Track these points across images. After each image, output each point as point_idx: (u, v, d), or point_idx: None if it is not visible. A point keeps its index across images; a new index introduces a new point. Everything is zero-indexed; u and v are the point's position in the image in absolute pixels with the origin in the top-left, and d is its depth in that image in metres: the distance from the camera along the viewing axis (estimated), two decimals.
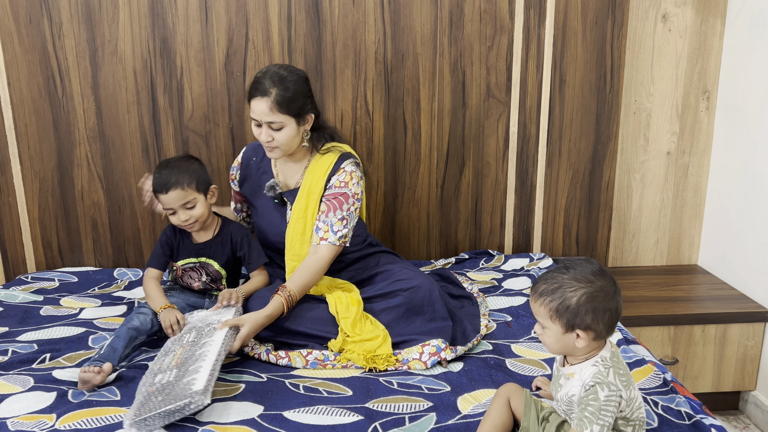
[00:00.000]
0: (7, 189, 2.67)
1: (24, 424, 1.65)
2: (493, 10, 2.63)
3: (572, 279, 1.45)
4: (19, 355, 1.99)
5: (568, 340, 1.46)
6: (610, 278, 1.47)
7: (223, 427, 1.65)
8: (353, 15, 2.60)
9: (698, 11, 2.80)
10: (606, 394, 1.40)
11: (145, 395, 1.67)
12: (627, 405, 1.45)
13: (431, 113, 2.71)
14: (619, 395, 1.42)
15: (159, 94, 2.62)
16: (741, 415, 2.73)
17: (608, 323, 1.44)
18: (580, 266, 1.48)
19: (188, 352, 1.84)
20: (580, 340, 1.45)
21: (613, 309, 1.45)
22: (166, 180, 2.12)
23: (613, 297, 1.45)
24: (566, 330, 1.45)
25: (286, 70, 2.14)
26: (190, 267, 2.23)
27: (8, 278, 2.76)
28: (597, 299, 1.43)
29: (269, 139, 2.13)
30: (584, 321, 1.43)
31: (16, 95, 2.59)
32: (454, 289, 2.41)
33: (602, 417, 1.39)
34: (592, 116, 2.76)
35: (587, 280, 1.45)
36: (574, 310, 1.43)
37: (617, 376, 1.44)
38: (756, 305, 2.64)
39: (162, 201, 2.14)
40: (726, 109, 2.84)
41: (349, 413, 1.71)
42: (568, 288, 1.44)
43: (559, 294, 1.45)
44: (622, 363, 1.49)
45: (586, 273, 1.46)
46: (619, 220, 3.00)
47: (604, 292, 1.44)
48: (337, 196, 2.19)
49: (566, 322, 1.44)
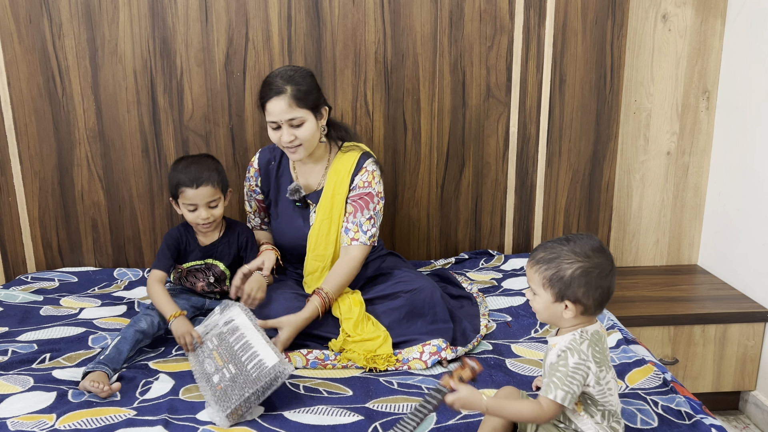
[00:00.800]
0: (7, 189, 2.67)
1: (24, 424, 1.65)
2: (493, 10, 2.63)
3: (570, 252, 1.47)
4: (19, 355, 1.99)
5: (556, 310, 1.49)
6: (609, 256, 1.49)
7: (224, 427, 1.65)
8: (353, 15, 2.60)
9: (698, 11, 2.80)
10: (575, 361, 1.43)
11: (220, 393, 1.72)
12: (596, 383, 1.46)
13: (431, 113, 2.71)
14: (588, 366, 1.44)
15: (159, 94, 2.62)
16: (741, 415, 2.73)
17: (598, 300, 1.47)
18: (581, 240, 1.50)
19: (227, 351, 1.87)
20: (568, 311, 1.47)
21: (606, 287, 1.47)
22: (197, 175, 2.10)
23: (607, 275, 1.47)
24: (556, 299, 1.48)
25: (291, 69, 2.15)
26: (195, 268, 2.23)
27: (8, 278, 2.76)
28: (591, 275, 1.45)
29: (291, 138, 2.11)
30: (575, 294, 1.46)
31: (16, 95, 2.59)
32: (454, 290, 2.41)
33: (568, 383, 1.42)
34: (592, 116, 2.76)
35: (585, 255, 1.46)
36: (567, 282, 1.46)
37: (591, 349, 1.46)
38: (756, 305, 2.64)
39: (188, 196, 2.11)
40: (726, 109, 2.84)
41: (349, 413, 1.71)
42: (565, 260, 1.47)
43: (555, 264, 1.47)
44: (602, 343, 1.49)
45: (586, 248, 1.48)
46: (619, 220, 3.00)
47: (599, 269, 1.46)
48: (362, 197, 2.21)
49: (557, 291, 1.47)
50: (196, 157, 2.19)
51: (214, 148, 2.68)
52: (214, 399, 1.73)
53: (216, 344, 1.94)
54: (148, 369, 1.94)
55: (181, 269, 2.23)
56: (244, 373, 1.75)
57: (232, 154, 2.70)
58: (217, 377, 1.79)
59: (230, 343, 1.90)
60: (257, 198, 2.37)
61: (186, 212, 2.15)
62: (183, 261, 2.22)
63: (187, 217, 2.15)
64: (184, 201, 2.13)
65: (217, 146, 2.68)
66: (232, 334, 1.93)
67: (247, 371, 1.75)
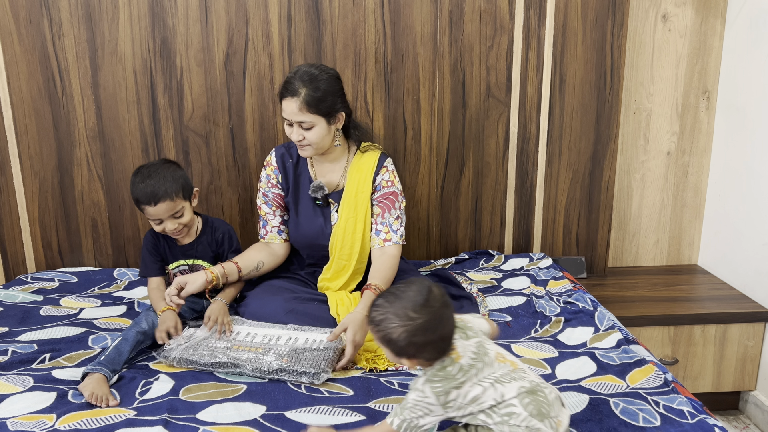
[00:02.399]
0: (7, 189, 2.67)
1: (24, 424, 1.65)
2: (493, 10, 2.63)
3: (394, 315, 1.47)
4: (19, 355, 1.99)
5: (402, 362, 1.52)
6: (435, 309, 1.47)
7: (225, 427, 1.65)
8: (353, 15, 2.60)
9: (698, 11, 2.80)
10: (413, 397, 1.49)
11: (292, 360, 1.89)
12: (459, 403, 1.47)
13: (431, 113, 2.71)
14: (428, 402, 1.47)
15: (159, 94, 2.62)
16: (741, 415, 2.73)
17: (434, 350, 1.48)
18: (405, 298, 1.48)
19: (251, 344, 2.00)
20: (408, 366, 1.52)
21: (436, 339, 1.47)
22: (153, 191, 2.07)
23: (435, 329, 1.46)
24: (396, 356, 1.50)
25: (317, 69, 2.14)
26: (180, 270, 2.24)
27: (8, 278, 2.76)
28: (416, 335, 1.45)
29: (300, 138, 2.13)
30: (407, 352, 1.48)
31: (16, 95, 2.59)
32: (454, 290, 2.40)
33: (407, 413, 1.48)
34: (592, 116, 2.76)
35: (407, 317, 1.45)
36: (396, 343, 1.47)
37: (429, 384, 1.47)
38: (756, 305, 2.64)
39: (149, 213, 2.11)
40: (726, 109, 2.84)
41: (350, 413, 1.71)
42: (390, 323, 1.46)
43: (383, 326, 1.48)
44: (444, 371, 1.48)
45: (408, 309, 1.46)
46: (619, 220, 3.00)
47: (423, 328, 1.45)
48: (387, 197, 2.24)
49: (392, 350, 1.49)
50: (152, 168, 2.12)
51: (214, 148, 2.68)
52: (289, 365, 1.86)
53: (229, 343, 2.00)
54: (148, 369, 1.94)
55: (167, 272, 2.24)
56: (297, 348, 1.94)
57: (232, 154, 2.69)
58: (270, 356, 1.91)
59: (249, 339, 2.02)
60: (279, 194, 2.31)
61: (152, 223, 2.16)
62: (167, 263, 2.24)
63: (155, 227, 2.16)
64: (148, 216, 2.13)
65: (217, 146, 2.68)
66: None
67: (300, 346, 1.93)
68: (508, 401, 1.47)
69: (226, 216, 2.75)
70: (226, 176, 2.71)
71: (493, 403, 1.47)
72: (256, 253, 2.27)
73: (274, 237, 2.32)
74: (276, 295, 2.16)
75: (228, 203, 2.74)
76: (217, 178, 2.72)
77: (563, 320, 2.21)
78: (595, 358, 1.96)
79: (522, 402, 1.47)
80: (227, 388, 1.83)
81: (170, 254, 2.23)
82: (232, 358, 1.90)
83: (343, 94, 2.19)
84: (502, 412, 1.47)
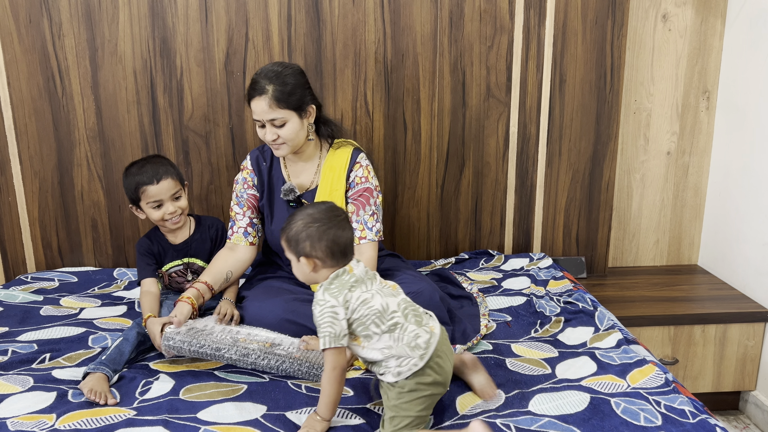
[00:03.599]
0: (7, 189, 2.67)
1: (24, 424, 1.65)
2: (493, 10, 2.63)
3: (298, 214, 1.70)
4: (19, 355, 1.99)
5: (303, 268, 1.69)
6: (333, 215, 1.69)
7: (225, 427, 1.65)
8: (353, 15, 2.60)
9: (698, 11, 2.80)
10: (318, 311, 1.63)
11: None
12: (363, 304, 1.63)
13: (431, 113, 2.71)
14: (330, 305, 1.62)
15: (159, 94, 2.62)
16: (741, 415, 2.73)
17: (327, 250, 1.66)
18: (315, 205, 1.73)
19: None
20: (306, 266, 1.68)
21: (329, 238, 1.66)
22: (155, 171, 2.12)
23: (328, 228, 1.66)
24: (297, 258, 1.69)
25: (279, 65, 2.13)
26: (176, 271, 2.23)
27: (8, 278, 2.76)
28: (311, 229, 1.66)
29: (274, 137, 2.11)
30: (304, 249, 1.67)
31: (16, 95, 2.59)
32: (454, 290, 2.40)
33: (324, 329, 1.61)
34: (592, 116, 2.76)
35: (308, 215, 1.69)
36: (296, 241, 1.68)
37: (327, 292, 1.64)
38: (756, 305, 2.64)
39: (151, 193, 2.12)
40: (726, 108, 2.84)
41: (349, 414, 1.71)
42: (292, 222, 1.70)
43: (287, 228, 1.70)
44: (337, 278, 1.66)
45: (311, 210, 1.70)
46: (619, 220, 3.00)
47: (318, 223, 1.67)
48: (362, 193, 2.21)
49: (294, 251, 1.69)
50: (146, 159, 2.20)
51: (214, 148, 2.68)
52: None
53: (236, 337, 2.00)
54: (149, 369, 1.94)
55: (162, 274, 2.23)
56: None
57: (232, 154, 2.69)
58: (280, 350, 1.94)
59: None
60: (253, 195, 2.28)
61: (151, 212, 2.15)
62: (162, 265, 2.23)
63: (153, 216, 2.15)
64: (148, 200, 2.13)
65: (217, 146, 2.68)
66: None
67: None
68: (391, 312, 1.65)
69: (225, 216, 2.74)
70: (226, 176, 2.71)
71: (380, 309, 1.64)
72: (222, 263, 2.22)
73: (240, 239, 2.27)
74: (275, 297, 2.15)
75: (228, 203, 2.73)
76: (217, 178, 2.72)
77: (563, 320, 2.21)
78: (595, 358, 1.96)
79: (403, 313, 1.67)
80: (228, 388, 1.83)
81: (165, 255, 2.23)
82: (240, 348, 1.91)
83: (310, 87, 2.18)
84: (389, 323, 1.64)
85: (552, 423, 1.65)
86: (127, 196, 2.18)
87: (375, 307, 1.63)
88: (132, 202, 2.18)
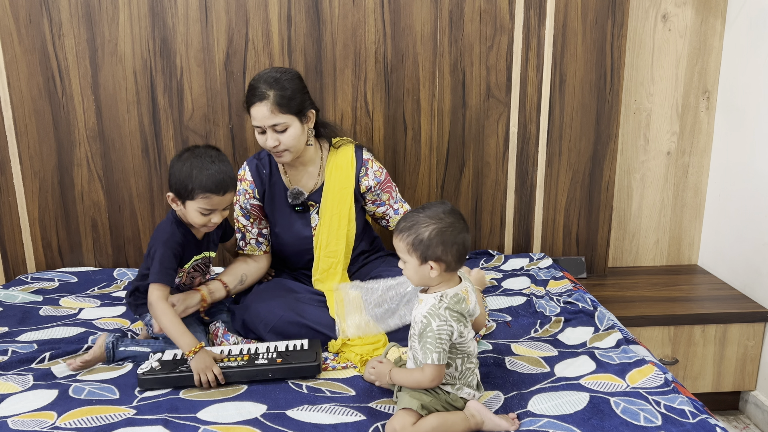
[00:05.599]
0: (7, 189, 2.67)
1: (25, 422, 1.65)
2: (493, 10, 2.64)
3: (426, 217, 1.65)
4: (19, 354, 1.99)
5: (424, 272, 1.65)
6: (460, 216, 1.68)
7: (225, 427, 1.65)
8: (353, 15, 2.60)
9: (698, 11, 2.80)
10: (437, 324, 1.61)
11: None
12: (459, 336, 1.63)
13: (431, 113, 2.71)
14: (450, 324, 1.61)
15: (159, 94, 2.62)
16: (741, 415, 2.73)
17: (456, 255, 1.64)
18: (434, 207, 1.68)
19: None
20: (433, 271, 1.63)
21: (461, 242, 1.64)
22: (224, 179, 1.91)
23: (460, 232, 1.65)
24: (421, 262, 1.64)
25: (277, 71, 2.12)
26: (194, 266, 2.11)
27: (8, 278, 2.76)
28: (446, 233, 1.63)
29: (276, 144, 2.10)
30: (435, 253, 1.63)
31: (16, 95, 2.59)
32: None
33: (438, 345, 1.60)
34: (592, 116, 2.76)
35: (438, 217, 1.64)
36: (427, 243, 1.63)
37: (449, 311, 1.62)
38: (756, 305, 2.64)
39: (213, 203, 1.92)
40: (726, 109, 2.85)
41: (351, 412, 1.71)
42: (422, 224, 1.64)
43: (414, 230, 1.64)
44: (460, 304, 1.65)
45: (438, 212, 1.66)
46: (619, 220, 3.01)
47: (452, 227, 1.64)
48: (385, 184, 2.32)
49: (420, 254, 1.63)
50: (211, 153, 1.96)
51: None
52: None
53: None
54: None
55: (182, 273, 2.06)
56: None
57: (232, 154, 2.69)
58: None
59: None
60: (257, 205, 2.26)
61: (196, 215, 1.93)
62: (184, 262, 2.05)
63: (195, 220, 1.95)
64: (201, 205, 1.92)
65: (217, 146, 2.68)
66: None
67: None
68: (469, 341, 1.68)
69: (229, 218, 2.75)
70: None
71: (469, 345, 1.68)
72: (240, 265, 2.24)
73: (253, 249, 2.29)
74: (278, 297, 2.15)
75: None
76: None
77: (563, 320, 2.21)
78: (594, 358, 1.96)
79: (468, 333, 1.68)
80: (228, 388, 1.83)
81: (188, 250, 2.03)
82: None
83: (308, 92, 2.18)
84: (462, 352, 1.67)
85: (551, 423, 1.64)
86: (174, 185, 1.94)
87: (468, 345, 1.67)
88: (177, 195, 1.95)
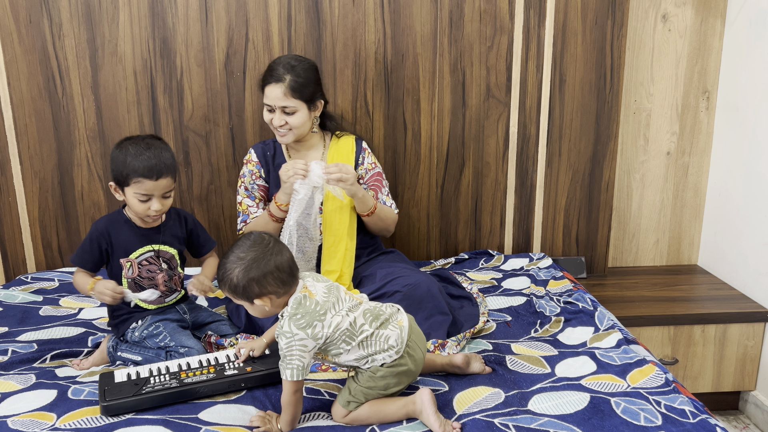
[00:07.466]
0: (7, 189, 2.67)
1: (24, 423, 1.65)
2: (493, 10, 2.64)
3: (230, 262, 1.61)
4: (19, 355, 1.99)
5: (262, 308, 1.63)
6: (263, 243, 1.62)
7: (226, 428, 1.65)
8: (353, 15, 2.60)
9: (698, 11, 2.80)
10: (285, 342, 1.57)
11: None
12: (326, 333, 1.60)
13: (431, 113, 2.71)
14: (297, 338, 1.57)
15: (159, 94, 2.62)
16: (741, 415, 2.73)
17: (277, 282, 1.60)
18: (237, 247, 1.63)
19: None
20: (266, 305, 1.61)
21: (272, 269, 1.59)
22: (157, 164, 1.90)
23: (267, 260, 1.59)
24: (251, 303, 1.62)
25: (296, 59, 2.27)
26: (146, 260, 2.01)
27: (8, 278, 2.76)
28: (251, 271, 1.58)
29: (282, 123, 2.24)
30: (254, 292, 1.59)
31: (16, 95, 2.59)
32: (454, 290, 2.40)
33: (290, 362, 1.57)
34: (592, 116, 2.76)
35: (239, 258, 1.60)
36: (242, 287, 1.59)
37: (292, 322, 1.58)
38: (756, 305, 2.64)
39: (144, 188, 1.90)
40: (726, 109, 2.85)
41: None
42: (229, 271, 1.60)
43: (226, 279, 1.61)
44: (302, 306, 1.60)
45: (239, 252, 1.61)
46: (619, 220, 3.00)
47: (255, 262, 1.59)
48: (375, 178, 2.40)
49: (246, 298, 1.61)
50: (147, 140, 1.95)
51: (214, 148, 2.68)
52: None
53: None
54: None
55: (131, 264, 1.99)
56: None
57: (232, 154, 2.69)
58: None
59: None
60: (263, 186, 2.39)
61: (135, 202, 1.93)
62: (128, 253, 1.99)
63: (135, 207, 1.94)
64: (137, 191, 1.91)
65: (217, 146, 2.68)
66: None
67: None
68: (360, 326, 1.64)
69: (226, 216, 2.75)
70: (226, 176, 2.71)
71: (349, 327, 1.62)
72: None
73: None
74: None
75: (228, 203, 2.74)
76: (217, 178, 2.72)
77: (563, 320, 2.21)
78: (595, 358, 1.96)
79: (370, 323, 1.65)
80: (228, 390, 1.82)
81: (131, 242, 1.99)
82: (186, 386, 1.75)
83: (321, 84, 2.32)
84: (359, 338, 1.63)
85: (551, 422, 1.64)
86: (113, 173, 1.95)
87: (344, 328, 1.63)
88: (116, 183, 1.95)
